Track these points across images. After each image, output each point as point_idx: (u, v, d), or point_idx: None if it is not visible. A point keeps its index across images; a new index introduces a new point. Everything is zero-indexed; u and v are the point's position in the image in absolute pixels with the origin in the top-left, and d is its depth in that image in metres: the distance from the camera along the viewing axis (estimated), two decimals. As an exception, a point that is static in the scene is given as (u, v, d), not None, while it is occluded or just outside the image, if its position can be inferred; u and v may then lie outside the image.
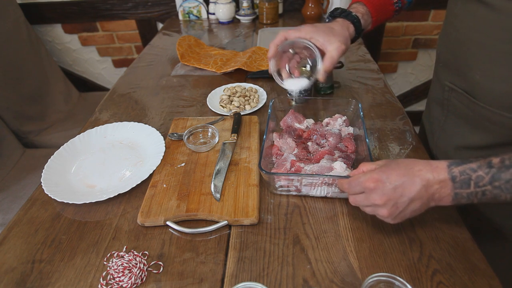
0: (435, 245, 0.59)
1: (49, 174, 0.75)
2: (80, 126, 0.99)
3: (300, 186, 0.66)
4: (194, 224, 0.65)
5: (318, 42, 0.65)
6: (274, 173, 0.66)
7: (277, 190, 0.69)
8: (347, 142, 0.74)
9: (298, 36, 0.67)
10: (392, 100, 0.99)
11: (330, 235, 0.62)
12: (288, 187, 0.67)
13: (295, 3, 1.75)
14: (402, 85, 2.11)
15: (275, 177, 0.65)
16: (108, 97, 1.09)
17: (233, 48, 1.37)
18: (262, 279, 0.55)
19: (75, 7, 1.80)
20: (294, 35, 0.67)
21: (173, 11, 1.80)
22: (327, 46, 0.65)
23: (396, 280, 0.50)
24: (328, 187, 0.65)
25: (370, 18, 0.73)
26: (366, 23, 0.73)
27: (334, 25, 0.69)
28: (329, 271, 0.56)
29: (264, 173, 0.64)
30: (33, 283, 0.57)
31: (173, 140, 0.84)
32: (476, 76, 0.62)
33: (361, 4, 0.73)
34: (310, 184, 0.65)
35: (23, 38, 1.60)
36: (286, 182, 0.66)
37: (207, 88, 1.08)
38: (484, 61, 0.60)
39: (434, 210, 0.65)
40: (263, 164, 0.65)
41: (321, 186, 0.65)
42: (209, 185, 0.71)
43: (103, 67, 2.07)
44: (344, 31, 0.68)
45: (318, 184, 0.64)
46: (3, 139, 1.37)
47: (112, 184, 0.74)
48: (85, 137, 0.86)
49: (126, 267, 0.57)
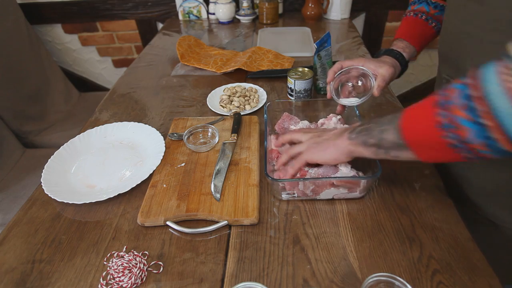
0: (435, 245, 0.59)
1: (49, 174, 0.75)
2: (80, 126, 0.99)
3: (307, 190, 0.66)
4: (194, 224, 0.65)
5: (370, 68, 0.74)
6: (282, 180, 0.65)
7: (282, 196, 0.68)
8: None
9: (352, 64, 0.75)
10: (392, 100, 0.99)
11: (330, 235, 0.62)
12: (294, 193, 0.67)
13: (295, 3, 1.75)
14: (402, 85, 2.11)
15: (280, 183, 0.65)
16: (108, 97, 1.09)
17: (233, 48, 1.37)
18: (262, 279, 0.55)
19: (75, 7, 1.81)
20: (349, 64, 0.76)
21: (173, 11, 1.80)
22: (378, 69, 0.73)
23: (396, 280, 0.50)
24: (336, 189, 0.65)
25: (413, 48, 0.81)
26: (410, 52, 0.81)
27: (382, 58, 0.79)
28: (329, 271, 0.56)
29: (271, 180, 0.63)
30: (33, 283, 0.57)
31: (173, 140, 0.84)
32: (468, 67, 0.64)
33: (399, 40, 0.82)
34: (318, 187, 0.65)
35: (23, 38, 1.60)
36: (293, 187, 0.66)
37: (207, 88, 1.08)
38: (474, 52, 0.63)
39: (434, 210, 0.65)
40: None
41: (329, 189, 0.65)
42: (209, 185, 0.71)
43: (103, 67, 2.07)
44: (392, 61, 0.78)
45: (327, 187, 0.64)
46: (3, 139, 1.37)
47: (112, 184, 0.74)
48: (85, 137, 0.86)
49: (126, 267, 0.57)
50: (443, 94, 0.45)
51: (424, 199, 0.67)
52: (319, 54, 0.94)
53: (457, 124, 0.43)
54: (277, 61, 1.22)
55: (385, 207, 0.66)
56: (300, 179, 0.65)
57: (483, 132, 0.41)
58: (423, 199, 0.67)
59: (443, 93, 0.46)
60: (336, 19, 1.63)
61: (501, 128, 0.39)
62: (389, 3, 1.78)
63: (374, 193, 0.69)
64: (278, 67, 1.19)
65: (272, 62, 1.22)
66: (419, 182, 0.71)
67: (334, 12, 1.62)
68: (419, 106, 0.50)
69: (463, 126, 0.42)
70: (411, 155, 0.51)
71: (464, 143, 0.43)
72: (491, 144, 0.41)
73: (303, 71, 0.95)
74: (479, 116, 0.40)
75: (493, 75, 0.39)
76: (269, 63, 1.21)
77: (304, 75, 0.93)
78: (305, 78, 0.93)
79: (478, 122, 0.41)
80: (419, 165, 0.75)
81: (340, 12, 1.61)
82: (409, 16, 0.84)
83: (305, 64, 1.21)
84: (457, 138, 0.44)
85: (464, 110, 0.42)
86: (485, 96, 0.40)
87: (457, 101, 0.43)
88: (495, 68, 0.40)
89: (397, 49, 0.80)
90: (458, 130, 0.43)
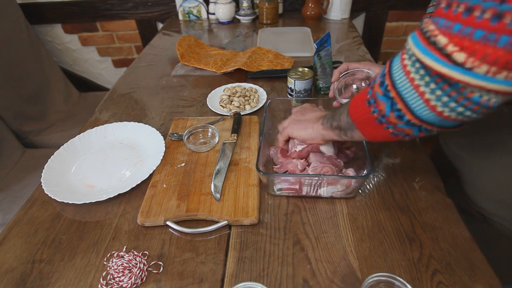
0: (435, 245, 0.59)
1: (49, 174, 0.75)
2: (80, 126, 0.99)
3: (300, 187, 0.66)
4: (194, 224, 0.65)
5: (376, 72, 0.76)
6: (272, 174, 0.66)
7: (276, 192, 0.69)
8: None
9: (358, 67, 0.77)
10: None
11: (330, 235, 0.62)
12: (288, 189, 0.67)
13: (295, 3, 1.75)
14: (402, 85, 2.11)
15: (275, 179, 0.65)
16: (108, 97, 1.09)
17: (233, 48, 1.37)
18: (262, 279, 0.55)
19: (75, 7, 1.80)
20: (355, 66, 0.78)
21: (173, 11, 1.80)
22: None
23: (396, 280, 0.50)
24: (332, 186, 0.65)
25: None
26: None
27: None
28: (329, 271, 0.56)
29: (262, 174, 0.64)
30: (33, 283, 0.57)
31: (173, 140, 0.84)
32: None
33: None
34: (310, 184, 0.65)
35: (23, 38, 1.60)
36: (286, 183, 0.66)
37: (207, 88, 1.08)
38: None
39: (434, 210, 0.65)
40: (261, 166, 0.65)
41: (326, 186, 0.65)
42: (209, 185, 0.71)
43: (103, 67, 2.07)
44: None
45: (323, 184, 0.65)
46: (3, 139, 1.37)
47: (112, 184, 0.74)
48: (85, 137, 0.86)
49: (126, 267, 0.57)
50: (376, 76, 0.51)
51: (424, 199, 0.67)
52: (319, 54, 0.94)
53: (376, 99, 0.50)
54: (277, 61, 1.22)
55: (385, 207, 0.66)
56: (289, 175, 0.66)
57: (392, 105, 0.48)
58: (423, 199, 0.67)
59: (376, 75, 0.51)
60: (336, 19, 1.63)
61: (402, 100, 0.46)
62: (389, 3, 1.78)
63: (374, 193, 0.69)
64: (278, 67, 1.19)
65: (272, 62, 1.22)
66: (419, 182, 0.71)
67: (334, 12, 1.62)
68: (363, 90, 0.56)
69: (380, 100, 0.49)
70: (359, 134, 0.57)
71: (385, 116, 0.50)
72: (400, 116, 0.48)
73: (303, 71, 0.95)
74: (387, 90, 0.48)
75: (398, 57, 0.47)
76: (269, 63, 1.21)
77: (304, 75, 0.93)
78: (305, 78, 0.93)
79: (386, 95, 0.48)
80: (419, 165, 0.75)
81: (340, 12, 1.61)
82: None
83: (305, 64, 1.21)
84: (379, 113, 0.50)
85: (379, 86, 0.49)
86: (390, 72, 0.47)
87: (377, 79, 0.50)
88: (400, 52, 0.47)
89: None
90: (378, 105, 0.50)
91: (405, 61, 0.44)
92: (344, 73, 0.77)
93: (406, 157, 0.78)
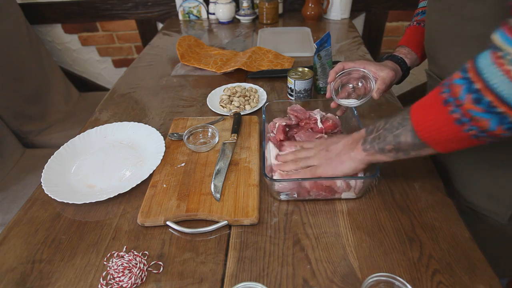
0: (435, 245, 0.59)
1: (49, 174, 0.75)
2: (80, 126, 0.99)
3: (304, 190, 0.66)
4: (194, 224, 0.65)
5: (371, 70, 0.75)
6: (278, 179, 0.65)
7: (281, 197, 0.68)
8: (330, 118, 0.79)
9: (354, 66, 0.77)
10: (392, 100, 0.99)
11: (330, 235, 0.62)
12: (294, 193, 0.67)
13: (295, 3, 1.75)
14: (402, 85, 2.09)
15: (279, 184, 0.65)
16: (108, 97, 1.09)
17: (233, 48, 1.37)
18: (262, 279, 0.55)
19: (75, 7, 1.81)
20: (350, 65, 0.77)
21: (173, 11, 1.80)
22: (379, 73, 0.75)
23: (396, 280, 0.50)
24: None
25: (415, 55, 0.84)
26: (412, 59, 0.84)
27: (384, 63, 0.81)
28: (329, 271, 0.56)
29: (269, 180, 0.63)
30: (33, 283, 0.57)
31: (173, 140, 0.84)
32: (441, 61, 0.70)
33: (402, 46, 0.85)
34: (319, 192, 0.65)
35: (23, 38, 1.60)
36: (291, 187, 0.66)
37: (207, 88, 1.08)
38: (444, 46, 0.67)
39: (434, 210, 0.65)
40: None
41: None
42: (209, 185, 0.71)
43: (103, 67, 2.07)
44: (394, 65, 0.80)
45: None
46: (3, 139, 1.37)
47: (112, 184, 0.74)
48: (85, 137, 0.86)
49: (126, 267, 0.57)
50: (448, 91, 0.47)
51: (424, 199, 0.67)
52: (319, 54, 0.94)
53: (473, 117, 0.45)
54: (277, 61, 1.22)
55: (385, 207, 0.66)
56: (299, 179, 0.65)
57: (501, 119, 0.43)
58: (423, 199, 0.67)
59: (447, 90, 0.48)
60: (336, 19, 1.63)
61: None
62: (389, 3, 1.78)
63: (374, 193, 0.69)
64: (278, 67, 1.19)
65: (272, 62, 1.22)
66: (419, 182, 0.71)
67: (334, 12, 1.62)
68: (425, 106, 0.52)
69: (481, 118, 0.45)
70: (431, 150, 0.54)
71: (486, 132, 0.46)
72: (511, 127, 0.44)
73: (303, 71, 0.95)
74: (492, 106, 0.43)
75: (490, 64, 0.42)
76: (269, 63, 1.21)
77: (304, 75, 0.94)
78: (305, 78, 0.93)
79: (493, 111, 0.43)
80: (419, 165, 0.75)
81: (340, 12, 1.61)
82: (412, 25, 0.87)
83: (305, 64, 1.21)
84: (478, 129, 0.46)
85: (475, 103, 0.44)
86: (488, 86, 0.42)
87: (465, 96, 0.45)
88: (488, 58, 0.42)
89: (399, 55, 0.82)
90: (478, 122, 0.45)
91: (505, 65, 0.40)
92: (340, 73, 0.77)
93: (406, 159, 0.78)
